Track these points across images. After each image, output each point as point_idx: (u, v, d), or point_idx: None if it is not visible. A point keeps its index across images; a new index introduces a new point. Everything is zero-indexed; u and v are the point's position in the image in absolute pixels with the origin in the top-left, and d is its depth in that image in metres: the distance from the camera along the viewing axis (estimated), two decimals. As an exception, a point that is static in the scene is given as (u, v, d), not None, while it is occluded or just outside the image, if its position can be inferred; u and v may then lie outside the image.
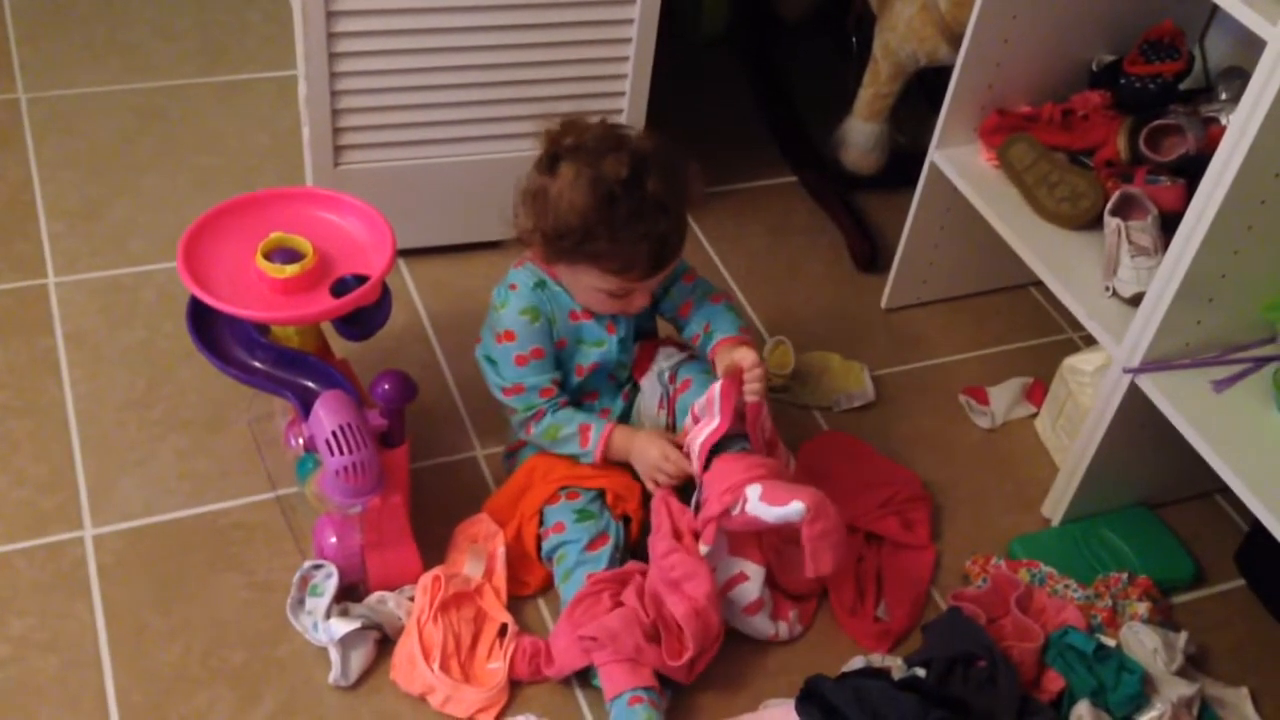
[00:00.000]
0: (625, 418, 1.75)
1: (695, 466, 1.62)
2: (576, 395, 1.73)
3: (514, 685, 1.56)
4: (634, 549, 1.68)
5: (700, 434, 1.61)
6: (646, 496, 1.69)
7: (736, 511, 1.55)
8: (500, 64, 1.96)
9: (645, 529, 1.68)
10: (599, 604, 1.56)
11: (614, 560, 1.62)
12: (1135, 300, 1.69)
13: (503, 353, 1.66)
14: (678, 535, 1.58)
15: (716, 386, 1.62)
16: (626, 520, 1.68)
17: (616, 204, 1.50)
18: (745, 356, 1.63)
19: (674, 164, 1.56)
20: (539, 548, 1.68)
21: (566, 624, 1.56)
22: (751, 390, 1.62)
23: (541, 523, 1.68)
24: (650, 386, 1.74)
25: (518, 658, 1.56)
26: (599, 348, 1.69)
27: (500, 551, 1.65)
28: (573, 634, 1.54)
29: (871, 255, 2.28)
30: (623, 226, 1.51)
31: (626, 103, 2.06)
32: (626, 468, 1.71)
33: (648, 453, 1.64)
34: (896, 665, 1.59)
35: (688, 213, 1.61)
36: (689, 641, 1.53)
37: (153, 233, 2.14)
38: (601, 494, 1.68)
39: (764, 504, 1.52)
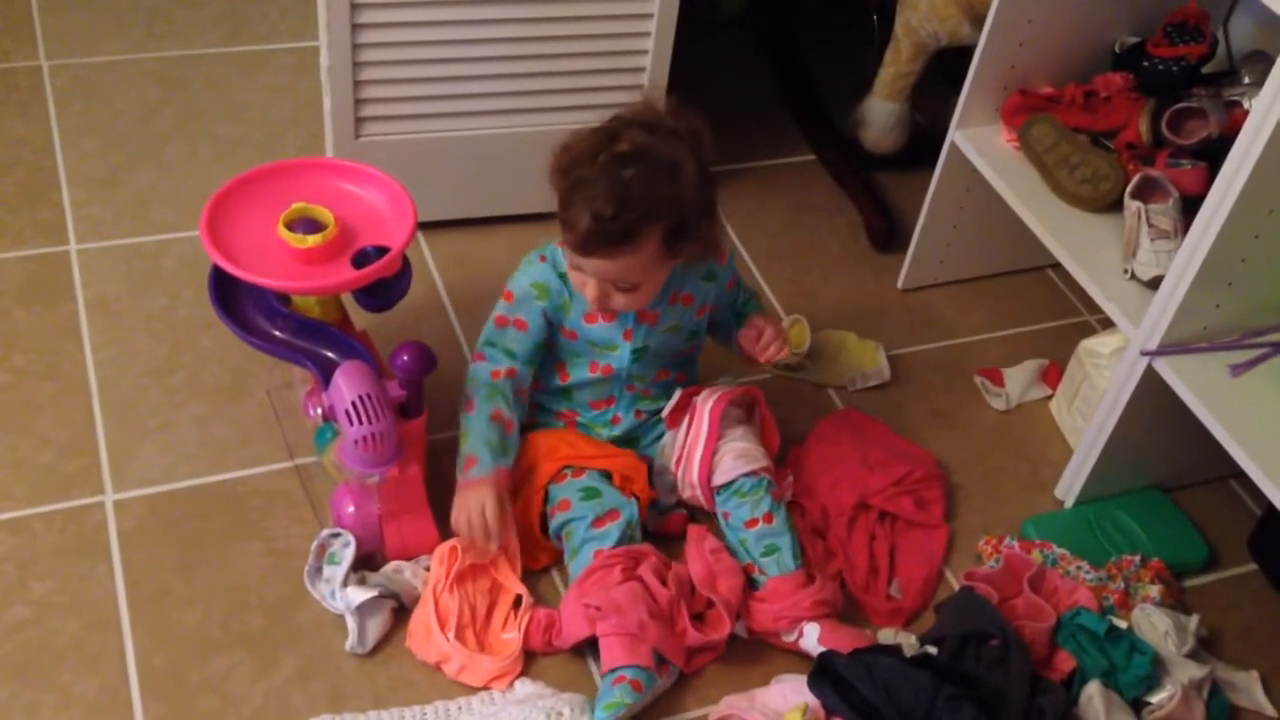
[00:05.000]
0: (634, 440, 1.76)
1: (697, 475, 1.68)
2: (589, 395, 1.73)
3: (528, 656, 1.58)
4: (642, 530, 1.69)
5: (695, 452, 1.68)
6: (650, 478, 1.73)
7: (788, 639, 1.61)
8: (522, 38, 1.96)
9: (649, 513, 1.71)
10: (610, 576, 1.57)
11: (625, 536, 1.63)
12: (1154, 283, 1.69)
13: (495, 309, 1.67)
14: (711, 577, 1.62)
15: (706, 407, 1.68)
16: (638, 500, 1.68)
17: (592, 164, 1.49)
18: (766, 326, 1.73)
19: (683, 185, 1.50)
20: (544, 526, 1.68)
21: (576, 593, 1.57)
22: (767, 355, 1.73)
23: (547, 500, 1.68)
24: (673, 440, 1.73)
25: (532, 628, 1.57)
26: (612, 352, 1.68)
27: (512, 525, 1.66)
28: (580, 601, 1.55)
29: (889, 235, 2.29)
30: (581, 183, 1.50)
31: (647, 79, 2.06)
32: (632, 448, 1.74)
33: (473, 506, 1.59)
34: (909, 643, 1.60)
35: (650, 242, 1.52)
36: (729, 616, 1.58)
37: (174, 201, 2.15)
38: (607, 473, 1.69)
39: (823, 648, 1.57)
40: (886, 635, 1.63)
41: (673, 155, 1.51)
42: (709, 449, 1.68)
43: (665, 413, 1.72)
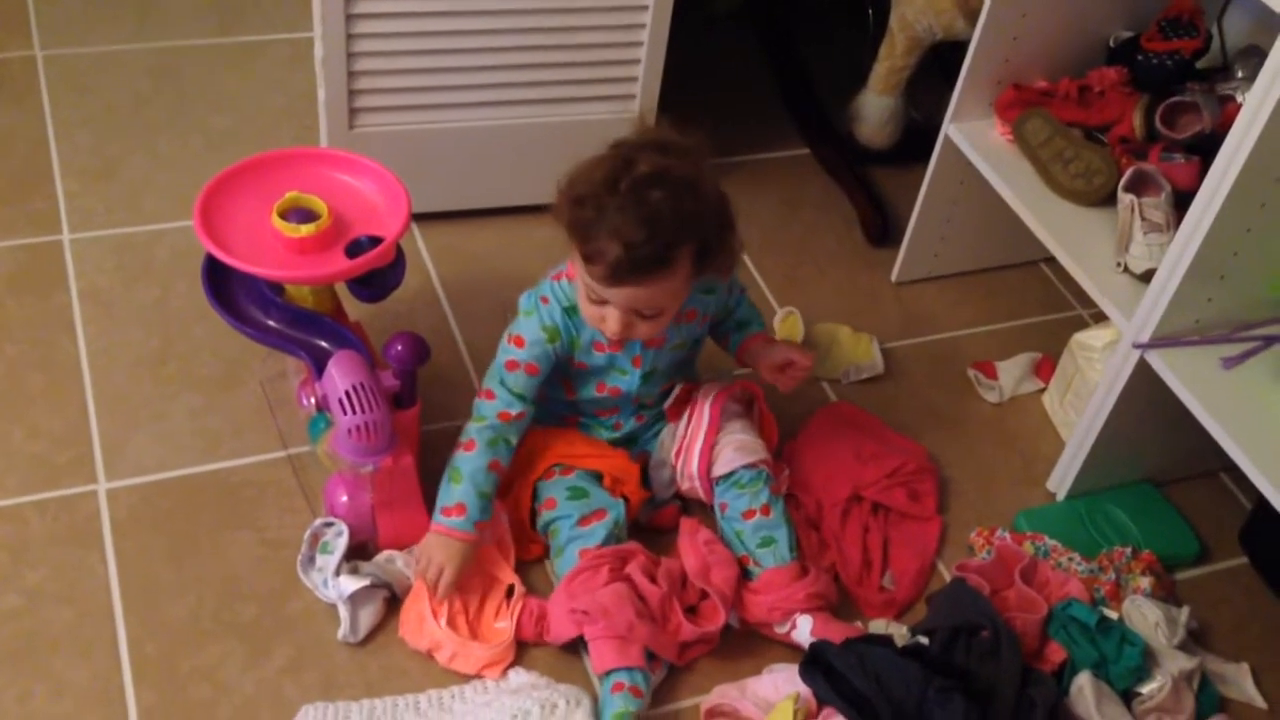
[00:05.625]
0: (634, 439, 1.76)
1: (696, 467, 1.68)
2: (594, 407, 1.72)
3: (521, 646, 1.58)
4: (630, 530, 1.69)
5: (695, 444, 1.68)
6: (644, 477, 1.73)
7: (781, 631, 1.61)
8: (517, 29, 1.96)
9: (643, 507, 1.71)
10: (596, 577, 1.57)
11: (611, 536, 1.63)
12: (1146, 276, 1.70)
13: (501, 352, 1.64)
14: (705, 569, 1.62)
15: (707, 401, 1.69)
16: (626, 501, 1.68)
17: (615, 191, 1.45)
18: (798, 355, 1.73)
19: (706, 202, 1.50)
20: (533, 522, 1.69)
21: (563, 594, 1.57)
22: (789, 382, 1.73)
23: (535, 498, 1.68)
24: (673, 433, 1.73)
25: (524, 618, 1.57)
26: (623, 376, 1.68)
27: (504, 516, 1.66)
28: (567, 605, 1.55)
29: (883, 229, 2.29)
30: (605, 212, 1.45)
31: (642, 71, 2.06)
32: (631, 444, 1.74)
33: (436, 562, 1.57)
34: (901, 634, 1.60)
35: (683, 263, 1.50)
36: (723, 607, 1.58)
37: (167, 192, 2.15)
38: (597, 473, 1.69)
39: (815, 640, 1.56)
40: (878, 626, 1.64)
41: (691, 173, 1.49)
42: (709, 441, 1.68)
43: (666, 405, 1.73)
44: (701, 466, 1.68)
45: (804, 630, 1.59)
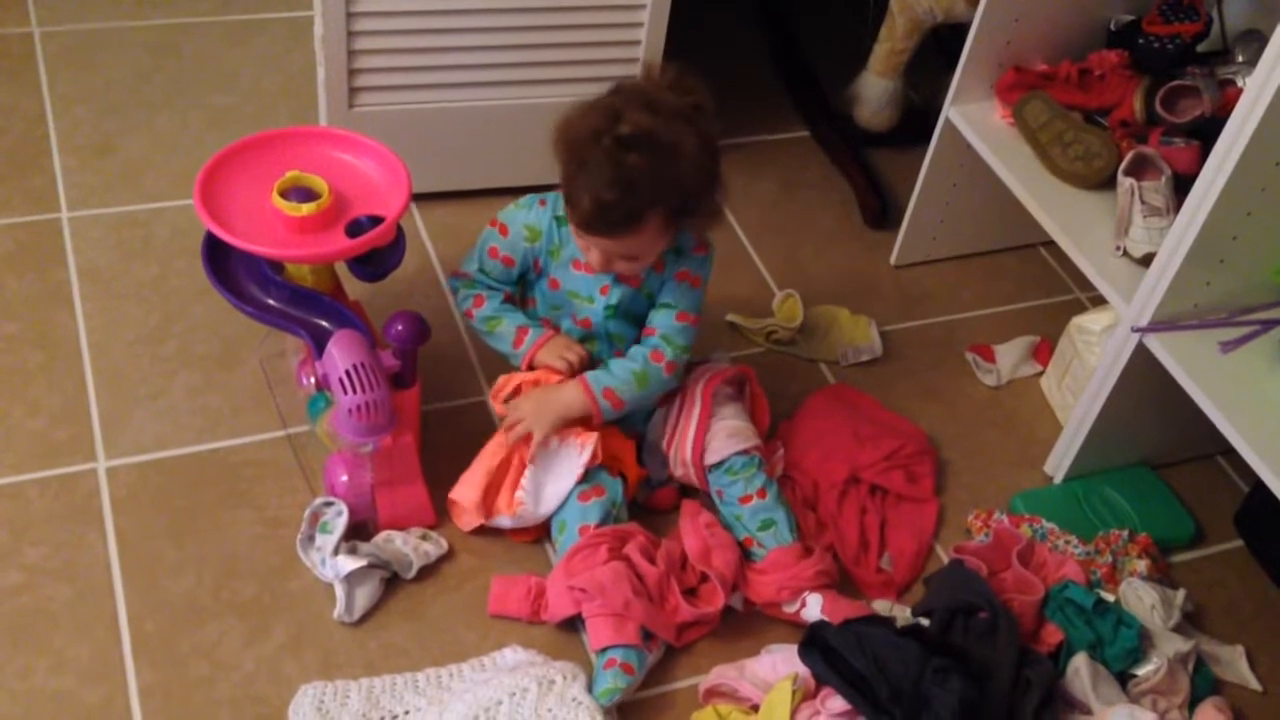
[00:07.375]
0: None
1: (689, 454, 1.68)
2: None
3: (520, 624, 1.59)
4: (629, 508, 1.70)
5: (688, 431, 1.69)
6: (639, 455, 1.73)
7: (790, 610, 1.61)
8: (518, 8, 1.95)
9: (640, 487, 1.72)
10: (595, 555, 1.57)
11: (609, 515, 1.64)
12: (1146, 260, 1.70)
13: (486, 236, 1.70)
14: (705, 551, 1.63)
15: (699, 386, 1.71)
16: (624, 479, 1.69)
17: (595, 146, 1.48)
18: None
19: (685, 167, 1.50)
20: None
21: (562, 572, 1.58)
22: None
23: None
24: (664, 416, 1.73)
25: (524, 595, 1.58)
26: (589, 304, 1.68)
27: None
28: (565, 582, 1.56)
29: (882, 211, 2.29)
30: (584, 165, 1.49)
31: (642, 52, 2.06)
32: (618, 427, 1.73)
33: (556, 346, 1.69)
34: (904, 617, 1.61)
35: (653, 222, 1.53)
36: (723, 590, 1.59)
37: (166, 170, 2.14)
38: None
39: (824, 617, 1.57)
40: (882, 608, 1.65)
41: (675, 136, 1.49)
42: (701, 428, 1.68)
43: None
44: (695, 454, 1.68)
45: (814, 608, 1.59)
